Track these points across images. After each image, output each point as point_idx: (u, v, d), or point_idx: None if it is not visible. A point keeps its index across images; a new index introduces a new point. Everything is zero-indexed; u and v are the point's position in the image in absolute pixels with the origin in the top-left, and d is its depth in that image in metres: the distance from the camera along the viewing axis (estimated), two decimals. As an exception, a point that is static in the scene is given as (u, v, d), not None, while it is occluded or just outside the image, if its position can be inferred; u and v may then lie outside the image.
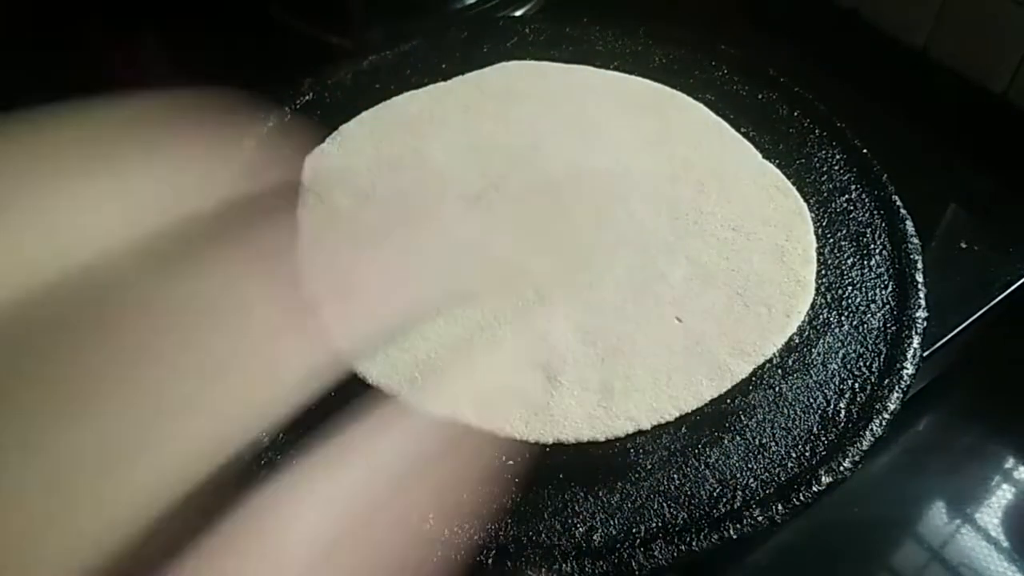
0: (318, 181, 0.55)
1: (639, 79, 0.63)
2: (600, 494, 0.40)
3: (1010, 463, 0.56)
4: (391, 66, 0.65)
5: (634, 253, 0.51)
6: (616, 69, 0.64)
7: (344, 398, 0.43)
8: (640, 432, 0.43)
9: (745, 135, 0.59)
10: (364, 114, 0.60)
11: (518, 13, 0.79)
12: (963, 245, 0.60)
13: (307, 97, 0.62)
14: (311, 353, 0.43)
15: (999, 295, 0.57)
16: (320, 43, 0.77)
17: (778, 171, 0.56)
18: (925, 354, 0.48)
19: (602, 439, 0.43)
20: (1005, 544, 0.50)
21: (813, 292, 0.49)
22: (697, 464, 0.42)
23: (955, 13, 0.71)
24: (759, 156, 0.57)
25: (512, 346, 0.46)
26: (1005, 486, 0.54)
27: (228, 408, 0.37)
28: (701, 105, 0.61)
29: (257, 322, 0.41)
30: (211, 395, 0.37)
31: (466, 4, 0.81)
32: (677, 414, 0.44)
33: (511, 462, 0.42)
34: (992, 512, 0.52)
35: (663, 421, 0.43)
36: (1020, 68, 0.69)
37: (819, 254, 0.52)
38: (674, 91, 0.62)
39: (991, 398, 0.60)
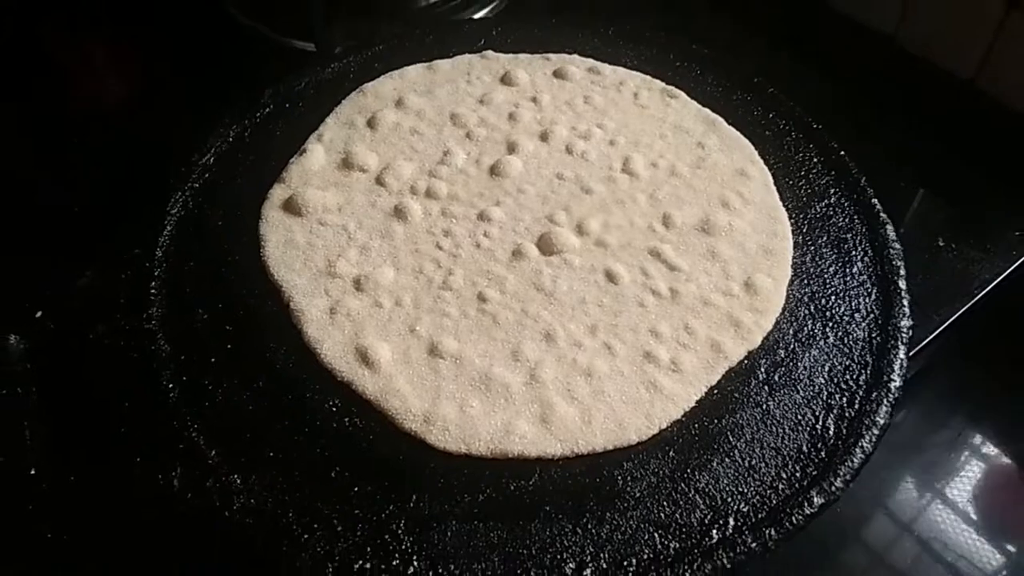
0: (292, 187, 0.53)
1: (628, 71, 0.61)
2: (589, 527, 0.39)
3: (984, 449, 0.56)
4: (356, 70, 0.63)
5: (613, 258, 0.50)
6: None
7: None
8: (627, 457, 0.42)
9: (720, 137, 0.58)
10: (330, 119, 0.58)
11: (479, 15, 0.76)
12: (940, 243, 0.60)
13: (268, 109, 0.59)
14: None
15: (978, 294, 0.57)
16: (281, 46, 0.74)
17: (769, 175, 0.55)
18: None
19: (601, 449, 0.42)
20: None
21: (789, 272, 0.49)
22: (687, 490, 0.41)
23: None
24: (751, 157, 0.56)
25: (499, 361, 0.45)
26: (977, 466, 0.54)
27: None
28: (695, 104, 0.59)
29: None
30: None
31: (429, 3, 0.78)
32: (666, 423, 0.43)
33: (495, 496, 0.40)
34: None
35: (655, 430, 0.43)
36: (988, 55, 0.69)
37: (800, 261, 0.51)
38: (664, 85, 0.60)
39: (968, 389, 0.60)
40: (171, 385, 0.44)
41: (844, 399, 0.44)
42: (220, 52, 0.74)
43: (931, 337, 0.53)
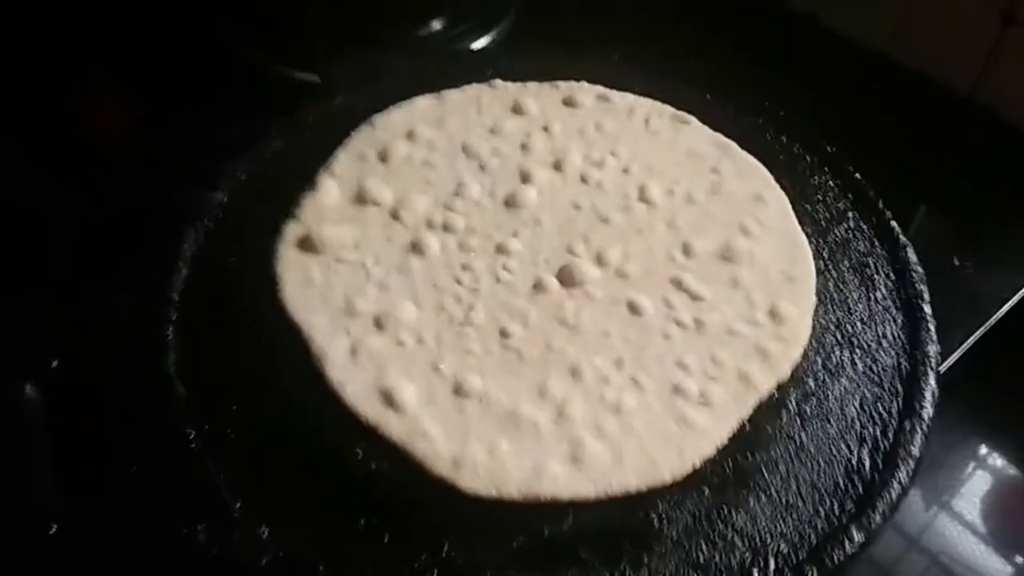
0: (306, 224, 0.52)
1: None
2: (627, 572, 0.38)
3: (990, 461, 0.56)
4: (364, 102, 0.62)
5: (635, 289, 0.49)
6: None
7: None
8: (662, 496, 0.41)
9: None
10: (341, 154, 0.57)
11: (481, 43, 0.76)
12: (956, 262, 0.60)
13: (276, 144, 0.58)
14: None
15: (997, 312, 0.57)
16: (285, 78, 0.74)
17: (786, 199, 0.54)
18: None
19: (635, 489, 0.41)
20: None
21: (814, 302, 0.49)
22: (724, 530, 0.40)
23: (916, 17, 0.70)
24: (767, 182, 0.56)
25: (525, 399, 0.44)
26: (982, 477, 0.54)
27: None
28: (707, 129, 0.59)
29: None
30: None
31: (431, 32, 0.78)
32: (699, 460, 0.42)
33: (530, 542, 0.39)
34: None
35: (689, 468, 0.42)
36: (985, 70, 0.69)
37: (823, 288, 0.50)
38: (675, 110, 0.60)
39: (984, 406, 0.59)
40: (192, 434, 0.43)
41: (878, 430, 0.43)
42: (223, 85, 0.73)
43: (953, 360, 0.53)
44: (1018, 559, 0.51)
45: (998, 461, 0.57)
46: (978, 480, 0.55)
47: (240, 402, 0.44)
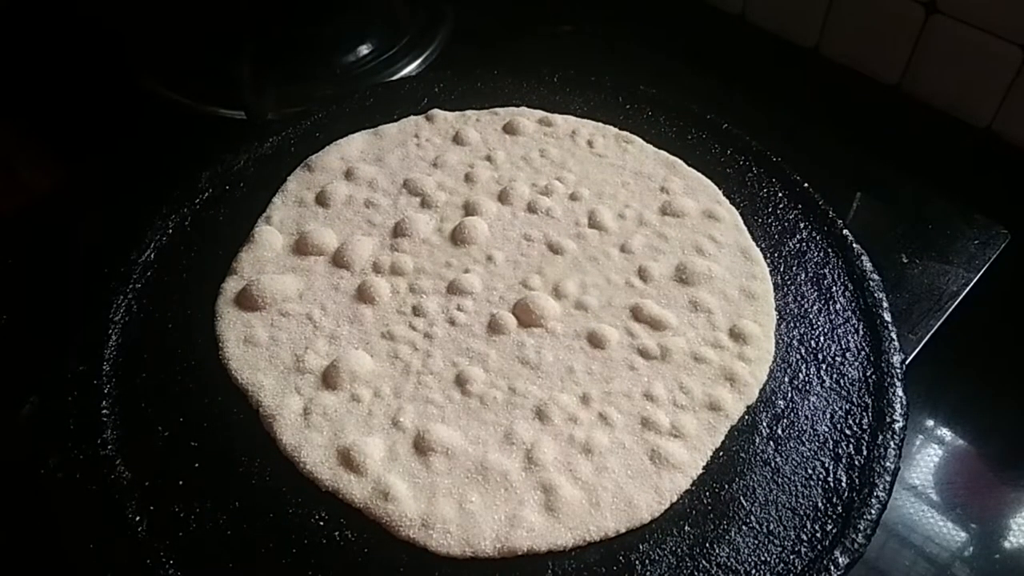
0: (246, 277, 0.49)
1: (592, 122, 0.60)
2: (613, 624, 0.37)
3: (939, 432, 0.56)
4: (297, 142, 0.59)
5: (596, 321, 0.48)
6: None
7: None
8: (642, 538, 0.39)
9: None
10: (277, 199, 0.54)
11: (410, 69, 0.74)
12: (904, 259, 0.60)
13: (207, 193, 0.55)
14: None
15: (949, 306, 0.57)
16: (208, 117, 0.70)
17: (737, 214, 0.54)
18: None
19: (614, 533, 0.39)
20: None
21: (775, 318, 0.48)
22: (708, 566, 0.39)
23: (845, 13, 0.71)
24: (716, 197, 0.55)
25: (492, 447, 0.42)
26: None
27: None
28: (651, 148, 0.58)
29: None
30: None
31: (356, 59, 0.75)
32: (676, 496, 0.41)
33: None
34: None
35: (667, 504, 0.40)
36: (910, 62, 0.70)
37: (783, 303, 0.50)
38: (618, 130, 0.59)
39: (940, 396, 0.59)
40: (138, 517, 0.40)
41: (851, 446, 0.43)
42: (142, 130, 0.70)
43: (912, 355, 0.53)
44: (972, 525, 0.52)
45: (955, 440, 0.57)
46: (932, 455, 0.56)
47: (188, 477, 0.41)
